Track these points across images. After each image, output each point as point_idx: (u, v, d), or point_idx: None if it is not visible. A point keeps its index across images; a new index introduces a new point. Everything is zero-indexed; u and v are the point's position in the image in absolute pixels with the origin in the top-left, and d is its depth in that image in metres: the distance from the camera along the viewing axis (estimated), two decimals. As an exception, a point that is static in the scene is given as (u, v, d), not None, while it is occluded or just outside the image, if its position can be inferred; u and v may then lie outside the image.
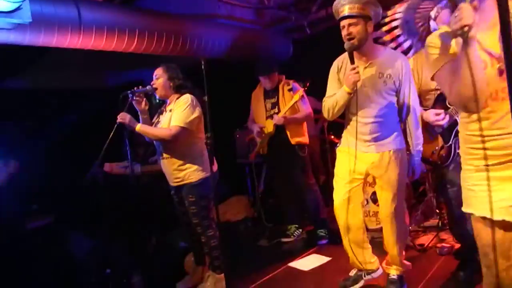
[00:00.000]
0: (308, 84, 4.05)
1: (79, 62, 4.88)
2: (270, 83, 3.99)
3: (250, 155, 4.48)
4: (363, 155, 2.58)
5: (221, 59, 4.70)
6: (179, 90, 2.98)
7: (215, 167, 2.95)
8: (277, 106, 3.96)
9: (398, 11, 2.89)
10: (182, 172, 2.94)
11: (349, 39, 2.36)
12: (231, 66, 4.98)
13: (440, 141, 2.64)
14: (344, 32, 2.39)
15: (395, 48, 2.81)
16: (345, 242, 2.73)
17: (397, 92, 2.51)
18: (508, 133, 1.44)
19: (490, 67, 1.43)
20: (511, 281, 1.50)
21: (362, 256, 2.74)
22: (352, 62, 2.37)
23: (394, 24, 2.89)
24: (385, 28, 2.93)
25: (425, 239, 3.55)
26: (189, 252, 3.47)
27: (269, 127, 4.00)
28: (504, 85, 1.25)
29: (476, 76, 1.34)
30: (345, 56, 2.55)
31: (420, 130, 2.56)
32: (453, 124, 2.55)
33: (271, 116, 3.98)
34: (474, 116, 1.50)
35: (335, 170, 2.73)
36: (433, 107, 2.63)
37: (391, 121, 2.55)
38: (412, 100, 2.52)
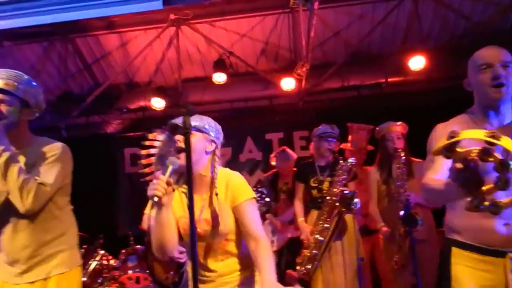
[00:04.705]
0: None
1: None
2: None
3: None
4: None
5: None
6: None
7: None
8: None
9: (158, 139, 2.76)
10: None
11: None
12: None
13: None
14: None
15: (151, 173, 2.65)
16: None
17: None
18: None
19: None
20: None
21: None
22: None
23: (152, 151, 2.74)
24: (143, 152, 2.75)
25: None
26: None
27: None
28: None
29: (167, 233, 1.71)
30: None
31: None
32: None
33: None
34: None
35: None
36: None
37: None
38: None
